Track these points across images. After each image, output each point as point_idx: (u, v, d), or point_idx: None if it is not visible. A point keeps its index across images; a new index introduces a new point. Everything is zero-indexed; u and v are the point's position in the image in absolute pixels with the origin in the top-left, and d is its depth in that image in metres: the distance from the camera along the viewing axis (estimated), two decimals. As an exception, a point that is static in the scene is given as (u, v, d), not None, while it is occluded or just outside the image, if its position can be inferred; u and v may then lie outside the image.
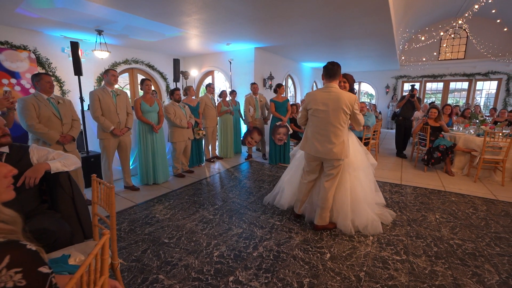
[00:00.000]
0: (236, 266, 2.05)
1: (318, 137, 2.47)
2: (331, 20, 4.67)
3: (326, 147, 2.41)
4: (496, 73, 9.93)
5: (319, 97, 2.44)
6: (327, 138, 2.41)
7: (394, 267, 2.03)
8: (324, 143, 2.43)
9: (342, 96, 2.35)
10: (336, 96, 2.36)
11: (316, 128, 2.49)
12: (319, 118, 2.44)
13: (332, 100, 2.37)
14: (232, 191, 3.76)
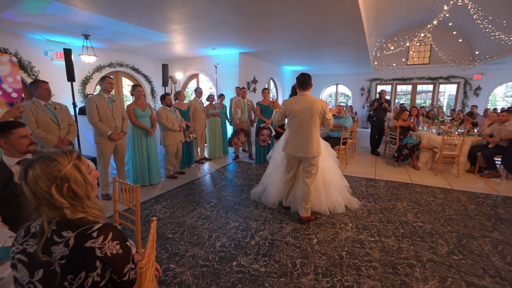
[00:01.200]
0: (237, 253, 2.35)
1: (297, 138, 2.81)
2: (311, 32, 5.09)
3: (305, 147, 2.76)
4: (456, 77, 11.00)
5: (296, 104, 2.78)
6: (305, 139, 2.76)
7: (369, 246, 2.45)
8: (302, 144, 2.77)
9: (315, 102, 2.71)
10: (310, 102, 2.71)
11: (295, 131, 2.82)
12: (297, 123, 2.78)
13: (307, 106, 2.72)
14: (225, 189, 4.05)
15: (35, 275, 0.78)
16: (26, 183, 0.80)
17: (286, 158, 3.02)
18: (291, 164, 2.99)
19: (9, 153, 1.76)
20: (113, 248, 0.84)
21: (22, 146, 1.76)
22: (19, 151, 1.77)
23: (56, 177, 0.81)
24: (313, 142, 2.75)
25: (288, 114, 2.85)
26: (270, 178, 3.47)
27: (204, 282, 1.98)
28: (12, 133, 1.72)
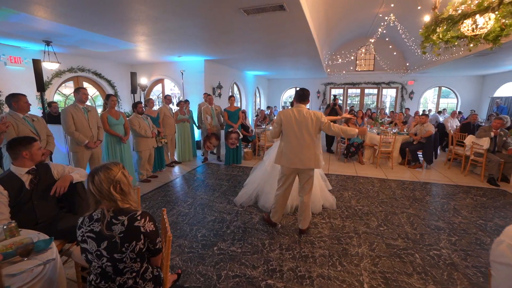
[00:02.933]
0: (217, 240, 2.83)
1: (293, 150, 2.76)
2: (270, 45, 5.73)
3: (300, 159, 2.75)
4: (395, 83, 12.75)
5: (293, 116, 2.75)
6: (299, 150, 2.74)
7: (321, 227, 3.12)
8: (297, 155, 2.75)
9: (311, 114, 2.73)
10: (307, 113, 2.73)
11: (290, 142, 2.77)
12: (294, 134, 2.74)
13: (303, 118, 2.72)
14: (198, 189, 4.46)
15: (101, 245, 1.19)
16: (93, 185, 1.20)
17: (282, 171, 2.92)
18: (287, 177, 2.90)
19: (22, 164, 1.99)
20: (150, 226, 1.28)
21: (38, 156, 2.03)
22: (35, 161, 2.03)
23: (112, 180, 1.22)
24: (310, 154, 2.75)
25: (284, 125, 2.80)
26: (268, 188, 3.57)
27: (192, 264, 2.43)
28: (33, 146, 1.98)
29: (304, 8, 3.57)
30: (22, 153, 1.98)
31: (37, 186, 2.06)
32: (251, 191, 3.84)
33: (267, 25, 4.22)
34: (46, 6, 3.44)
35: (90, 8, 3.45)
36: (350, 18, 8.66)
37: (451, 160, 5.94)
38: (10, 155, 2.03)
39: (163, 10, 3.50)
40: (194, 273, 2.31)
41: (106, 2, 3.25)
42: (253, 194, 3.82)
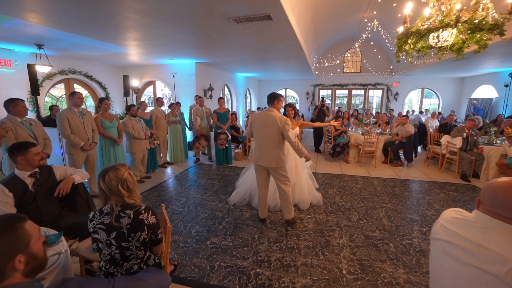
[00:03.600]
0: (209, 235, 3.04)
1: (258, 148, 3.08)
2: (260, 49, 5.96)
3: (264, 157, 3.02)
4: (381, 84, 13.22)
5: (260, 118, 3.04)
6: (262, 148, 3.03)
7: (306, 221, 3.37)
8: (263, 154, 3.03)
9: (273, 117, 2.92)
10: (270, 117, 2.95)
11: (257, 141, 3.10)
12: (259, 134, 3.05)
13: (266, 120, 2.97)
14: (191, 189, 4.64)
15: (110, 235, 1.38)
16: (104, 183, 1.40)
17: (254, 167, 3.28)
18: (259, 173, 3.21)
19: (23, 167, 2.14)
20: (152, 219, 1.48)
21: (35, 161, 2.17)
22: (32, 166, 2.17)
23: (120, 179, 1.42)
24: (271, 154, 2.97)
25: (253, 127, 3.11)
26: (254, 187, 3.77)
27: (187, 257, 2.63)
28: (29, 152, 2.12)
29: (290, 17, 3.82)
30: (17, 158, 2.12)
31: (40, 188, 2.22)
32: (244, 191, 3.99)
33: (256, 32, 4.44)
34: (41, 14, 3.55)
35: (86, 16, 3.57)
36: (336, 22, 8.98)
37: (429, 158, 6.33)
38: (11, 159, 2.18)
39: (156, 18, 3.67)
40: (189, 265, 2.51)
41: (101, 12, 3.40)
42: (246, 194, 3.96)
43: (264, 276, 2.34)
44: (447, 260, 1.14)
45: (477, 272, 0.99)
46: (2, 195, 1.98)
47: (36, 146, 2.19)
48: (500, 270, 0.92)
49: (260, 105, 14.39)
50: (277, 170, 3.08)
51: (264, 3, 3.10)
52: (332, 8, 7.12)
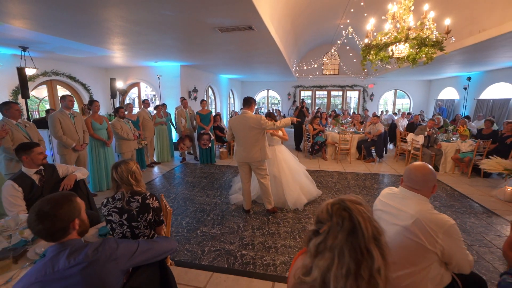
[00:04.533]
0: (199, 225, 3.36)
1: (242, 147, 3.44)
2: (242, 55, 6.33)
3: (248, 154, 3.40)
4: (357, 86, 14.01)
5: (237, 121, 3.44)
6: (247, 147, 3.40)
7: (286, 211, 3.77)
8: (246, 151, 3.41)
9: (251, 118, 3.34)
10: (246, 119, 3.35)
11: (239, 142, 3.48)
12: (240, 135, 3.44)
13: (244, 122, 3.36)
14: (179, 186, 4.92)
15: (122, 217, 1.69)
16: (117, 173, 1.70)
17: (238, 165, 3.62)
18: (242, 169, 3.58)
19: (28, 165, 2.37)
20: (156, 204, 1.80)
21: (38, 160, 2.40)
22: (36, 164, 2.40)
23: (130, 171, 1.73)
24: (256, 150, 3.39)
25: (233, 130, 3.48)
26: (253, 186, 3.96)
27: (180, 244, 2.94)
28: (33, 151, 2.35)
29: (270, 28, 4.21)
30: (22, 157, 2.36)
31: (46, 183, 2.45)
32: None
33: (239, 40, 4.80)
34: (30, 19, 3.69)
35: (75, 22, 3.75)
36: (315, 28, 9.53)
37: (398, 154, 6.98)
38: (17, 157, 2.41)
39: (145, 27, 3.93)
40: (182, 250, 2.83)
41: (92, 20, 3.61)
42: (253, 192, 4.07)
43: (249, 256, 2.71)
44: (382, 224, 1.56)
45: (398, 229, 1.41)
46: (12, 190, 2.20)
47: (39, 146, 2.42)
48: (408, 223, 1.35)
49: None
50: (258, 166, 3.49)
51: (246, 16, 3.46)
52: (311, 15, 7.62)
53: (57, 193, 1.18)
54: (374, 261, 0.80)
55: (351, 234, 0.82)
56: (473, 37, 4.80)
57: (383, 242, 0.85)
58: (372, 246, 0.81)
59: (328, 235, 0.86)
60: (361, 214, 0.85)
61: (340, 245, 0.82)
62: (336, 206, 0.89)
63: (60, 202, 1.10)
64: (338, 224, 0.85)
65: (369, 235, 0.82)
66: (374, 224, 0.85)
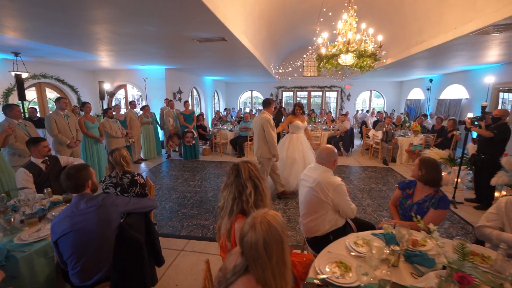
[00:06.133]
0: (180, 208, 3.97)
1: (255, 143, 4.12)
2: (222, 60, 6.95)
3: (256, 149, 4.10)
4: (336, 87, 14.88)
5: (255, 120, 4.10)
6: (256, 143, 4.06)
7: (256, 196, 4.43)
8: (256, 146, 4.10)
9: (261, 119, 3.90)
10: (259, 118, 3.97)
11: (254, 137, 4.14)
12: (254, 131, 4.10)
13: (259, 121, 3.97)
14: (164, 178, 5.49)
15: (117, 189, 2.28)
16: (112, 157, 2.29)
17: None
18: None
19: (36, 156, 2.91)
20: (142, 180, 2.41)
21: (44, 152, 2.94)
22: (42, 155, 2.95)
23: (122, 155, 2.32)
24: (258, 146, 4.00)
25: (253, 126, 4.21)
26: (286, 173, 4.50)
27: (163, 222, 3.55)
28: (40, 144, 2.90)
29: (241, 38, 4.85)
30: (31, 149, 2.91)
31: (51, 171, 3.00)
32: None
33: (217, 48, 5.42)
34: (25, 31, 4.15)
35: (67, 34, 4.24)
36: (292, 33, 10.26)
37: (364, 149, 7.80)
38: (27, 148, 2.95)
39: (131, 38, 4.48)
40: (165, 226, 3.44)
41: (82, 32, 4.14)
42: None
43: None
44: (301, 188, 2.25)
45: (308, 189, 2.09)
46: (25, 175, 2.75)
47: (45, 141, 2.97)
48: (313, 184, 2.03)
49: (228, 106, 15.32)
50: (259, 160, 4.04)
51: (219, 30, 4.08)
52: (286, 23, 8.32)
53: (78, 163, 1.78)
54: (247, 190, 1.46)
55: (236, 176, 1.49)
56: (417, 47, 5.65)
57: (258, 182, 1.51)
58: (248, 182, 1.47)
59: (227, 179, 1.53)
60: (243, 166, 1.51)
61: (231, 183, 1.49)
62: (233, 164, 1.56)
63: (80, 168, 1.71)
64: (232, 172, 1.52)
65: (246, 177, 1.48)
66: (253, 172, 1.52)
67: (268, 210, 1.07)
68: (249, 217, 1.05)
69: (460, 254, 1.26)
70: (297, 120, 4.58)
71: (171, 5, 3.03)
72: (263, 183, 1.54)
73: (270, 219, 1.01)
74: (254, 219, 1.02)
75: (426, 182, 2.06)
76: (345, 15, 4.06)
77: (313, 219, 2.06)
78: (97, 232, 1.60)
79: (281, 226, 1.01)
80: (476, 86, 8.15)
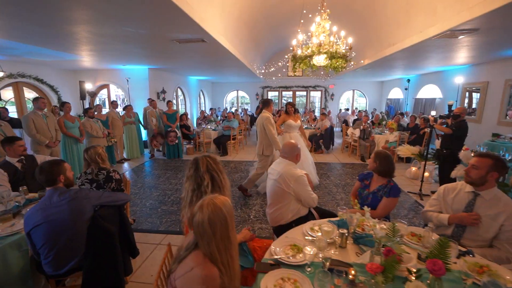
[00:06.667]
0: (160, 205, 4.06)
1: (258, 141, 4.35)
2: (205, 60, 7.04)
3: (257, 147, 4.32)
4: (320, 86, 15.23)
5: (258, 119, 4.32)
6: (258, 141, 4.32)
7: (235, 191, 4.58)
8: (257, 144, 4.35)
9: (261, 118, 4.19)
10: (260, 117, 4.24)
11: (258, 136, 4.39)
12: (257, 130, 4.39)
13: (260, 121, 4.22)
14: (146, 177, 5.54)
15: (92, 185, 2.37)
16: (87, 155, 2.38)
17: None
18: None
19: (10, 155, 2.94)
20: (117, 176, 2.50)
21: (19, 151, 2.98)
22: (17, 154, 2.98)
23: (97, 153, 2.41)
24: (259, 145, 4.25)
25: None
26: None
27: (143, 218, 3.63)
28: (15, 143, 2.93)
29: (221, 40, 4.97)
30: (6, 148, 2.94)
31: (27, 170, 3.03)
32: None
33: (197, 49, 5.51)
34: (2, 30, 4.13)
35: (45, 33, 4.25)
36: (275, 34, 10.45)
37: (344, 146, 8.09)
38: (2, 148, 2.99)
39: (111, 38, 4.52)
40: (144, 222, 3.53)
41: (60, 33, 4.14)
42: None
43: (198, 223, 3.48)
44: (268, 181, 2.41)
45: (273, 181, 2.26)
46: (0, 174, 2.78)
47: (21, 140, 3.01)
48: (277, 176, 2.20)
49: (214, 106, 15.38)
50: (259, 159, 4.27)
51: (197, 32, 4.19)
52: (268, 24, 8.50)
53: (53, 159, 1.87)
54: (204, 181, 1.61)
55: (195, 170, 1.63)
56: (389, 49, 5.95)
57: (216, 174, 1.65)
58: (205, 175, 1.62)
59: (188, 172, 1.66)
60: (202, 160, 1.65)
61: (191, 175, 1.63)
62: (193, 158, 1.69)
63: (53, 163, 1.80)
64: (191, 165, 1.66)
65: (204, 170, 1.62)
66: (211, 165, 1.66)
67: (217, 195, 1.22)
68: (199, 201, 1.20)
69: (390, 232, 1.45)
70: (290, 119, 4.76)
71: (146, 9, 3.12)
72: (221, 175, 1.68)
73: (217, 201, 1.16)
74: (202, 201, 1.16)
75: (380, 173, 2.27)
76: (318, 18, 4.27)
77: (277, 209, 2.22)
78: (69, 223, 1.70)
79: (227, 208, 1.17)
80: (448, 86, 8.62)
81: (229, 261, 1.15)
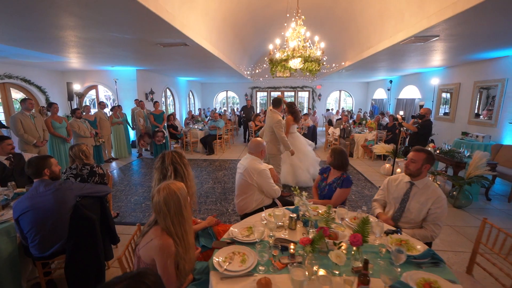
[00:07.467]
0: (144, 201, 4.29)
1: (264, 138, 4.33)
2: (191, 61, 7.27)
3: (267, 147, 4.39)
4: (307, 87, 15.59)
5: (267, 116, 4.40)
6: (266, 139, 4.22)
7: (216, 189, 4.83)
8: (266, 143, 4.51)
9: (271, 118, 4.22)
10: (269, 117, 4.29)
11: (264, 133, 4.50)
12: (265, 128, 4.46)
13: (267, 119, 4.37)
14: (133, 176, 5.75)
15: (77, 179, 2.60)
16: (72, 152, 2.60)
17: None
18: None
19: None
20: (101, 171, 2.73)
21: (7, 149, 3.18)
22: (6, 152, 3.18)
23: (81, 150, 2.64)
24: (267, 141, 4.15)
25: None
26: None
27: (128, 212, 3.86)
28: (4, 142, 3.13)
29: (203, 43, 5.22)
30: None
31: (16, 167, 3.23)
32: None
33: (181, 52, 5.74)
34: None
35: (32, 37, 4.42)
36: (262, 37, 10.71)
37: (327, 145, 8.43)
38: None
39: (98, 42, 4.71)
40: (129, 216, 3.76)
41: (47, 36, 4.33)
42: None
43: (179, 216, 3.73)
44: (236, 174, 2.68)
45: (240, 175, 2.53)
46: (-12, 171, 2.98)
47: (9, 139, 3.20)
48: (242, 170, 2.47)
49: (204, 106, 15.58)
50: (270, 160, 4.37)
51: (178, 37, 4.43)
52: (254, 27, 8.77)
53: (42, 155, 2.10)
54: (168, 172, 1.87)
55: (162, 162, 1.89)
56: (367, 51, 6.31)
57: (179, 167, 1.91)
58: (169, 167, 1.88)
59: (156, 164, 1.93)
60: (168, 154, 1.92)
61: (158, 167, 1.89)
62: (162, 153, 1.95)
63: (41, 158, 2.04)
64: (160, 158, 1.92)
65: (168, 162, 1.88)
66: (175, 159, 1.92)
67: (173, 181, 1.49)
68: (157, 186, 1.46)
69: (326, 214, 1.74)
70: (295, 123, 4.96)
71: (129, 16, 3.35)
72: (184, 168, 1.94)
73: (172, 186, 1.42)
74: (159, 186, 1.43)
75: (335, 167, 2.57)
76: (293, 24, 4.57)
77: (243, 199, 2.50)
78: (53, 210, 1.94)
79: (180, 191, 1.43)
80: (426, 87, 9.05)
81: (183, 234, 1.42)
